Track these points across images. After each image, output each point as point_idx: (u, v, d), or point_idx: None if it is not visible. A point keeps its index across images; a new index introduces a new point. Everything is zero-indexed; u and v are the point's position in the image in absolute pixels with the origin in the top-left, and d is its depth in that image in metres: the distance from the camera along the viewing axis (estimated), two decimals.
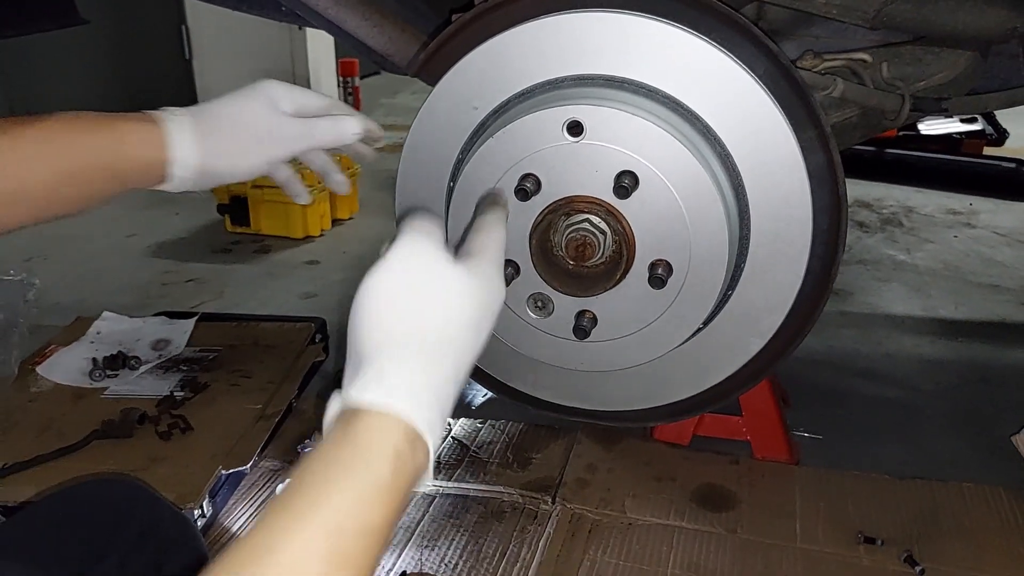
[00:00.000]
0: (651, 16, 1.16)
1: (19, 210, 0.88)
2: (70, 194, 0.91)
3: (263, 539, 0.56)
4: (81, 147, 0.91)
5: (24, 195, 0.88)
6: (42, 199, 0.89)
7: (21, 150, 0.87)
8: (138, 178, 0.96)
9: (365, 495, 0.60)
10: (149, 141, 0.95)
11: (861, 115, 1.44)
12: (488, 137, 1.18)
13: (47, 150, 0.89)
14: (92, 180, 0.92)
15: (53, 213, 0.92)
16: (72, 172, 0.90)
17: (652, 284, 1.17)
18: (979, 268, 3.27)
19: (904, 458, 2.01)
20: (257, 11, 2.21)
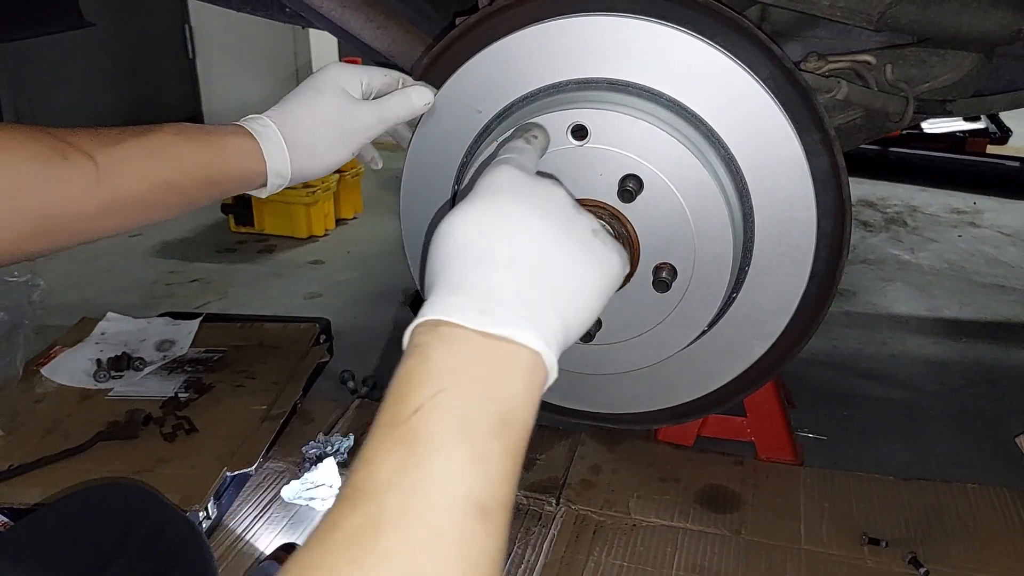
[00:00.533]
0: (655, 19, 1.16)
1: (123, 216, 0.92)
2: (170, 202, 0.95)
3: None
4: (186, 160, 0.95)
5: (129, 203, 0.91)
6: (144, 207, 0.93)
7: (130, 160, 0.90)
8: (237, 187, 1.02)
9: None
10: (247, 153, 1.00)
11: (865, 117, 1.43)
12: (492, 141, 1.18)
13: (154, 162, 0.92)
14: (194, 190, 0.97)
15: (151, 219, 0.96)
16: (176, 183, 0.94)
17: (656, 288, 1.17)
18: (984, 268, 3.27)
19: (908, 459, 2.01)
20: (261, 12, 2.21)
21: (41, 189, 0.83)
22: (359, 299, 3.01)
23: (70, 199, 0.86)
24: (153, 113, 5.45)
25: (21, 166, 0.82)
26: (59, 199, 0.85)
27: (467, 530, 0.51)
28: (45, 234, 0.86)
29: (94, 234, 0.91)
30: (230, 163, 0.99)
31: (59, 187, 0.85)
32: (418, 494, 0.51)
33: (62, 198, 0.85)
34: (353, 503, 0.51)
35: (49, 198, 0.84)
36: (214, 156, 0.98)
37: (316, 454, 1.90)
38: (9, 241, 0.83)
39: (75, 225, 0.88)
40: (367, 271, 3.30)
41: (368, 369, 2.36)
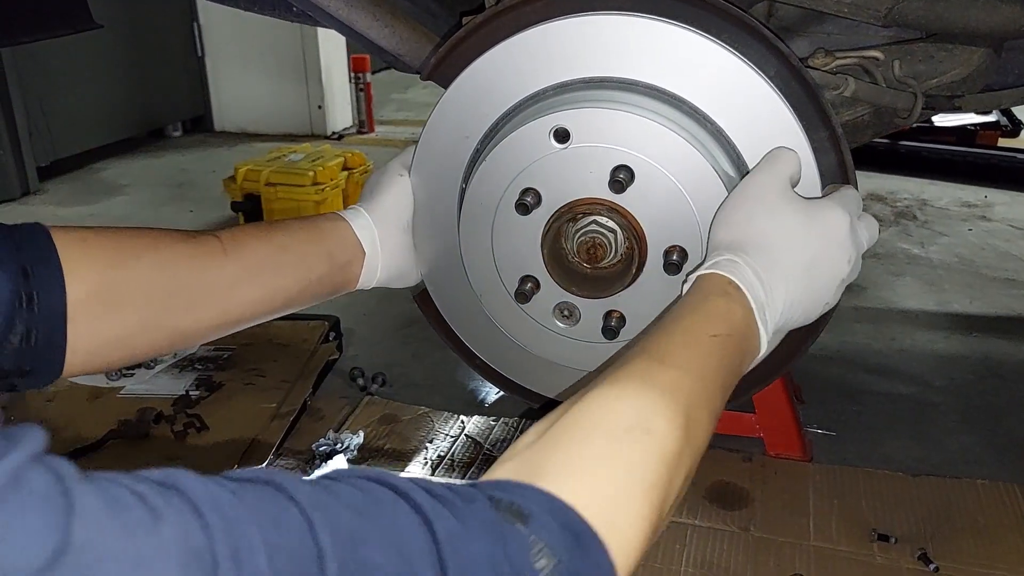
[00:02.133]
0: (651, 16, 1.16)
1: (252, 283, 1.07)
2: (289, 265, 1.11)
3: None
4: (292, 225, 1.15)
5: (255, 267, 1.07)
6: (268, 272, 1.08)
7: (246, 232, 1.08)
8: (339, 252, 1.19)
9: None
10: (339, 227, 1.21)
11: (873, 113, 1.43)
12: (481, 161, 1.19)
13: (266, 231, 1.11)
14: (307, 252, 1.14)
15: (278, 287, 1.10)
16: (289, 245, 1.11)
17: (668, 271, 1.17)
18: (994, 262, 3.25)
19: (918, 454, 2.01)
20: (268, 11, 2.21)
21: (183, 263, 0.98)
22: (368, 297, 3.00)
23: (206, 267, 1.00)
24: (162, 111, 5.47)
25: (168, 244, 0.98)
26: (197, 269, 0.99)
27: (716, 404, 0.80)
28: (190, 306, 0.99)
29: (233, 305, 1.05)
30: (326, 228, 1.16)
31: (196, 260, 0.99)
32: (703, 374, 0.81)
33: (200, 268, 0.99)
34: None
35: (190, 269, 0.98)
36: (312, 225, 1.16)
37: (326, 451, 1.91)
38: (160, 316, 0.98)
39: (215, 294, 1.01)
40: None
41: (378, 366, 2.37)
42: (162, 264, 0.98)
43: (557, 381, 1.54)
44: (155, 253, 0.98)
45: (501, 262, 1.27)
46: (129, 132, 5.20)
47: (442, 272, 1.43)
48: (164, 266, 0.98)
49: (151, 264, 0.97)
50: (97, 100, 4.87)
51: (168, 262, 0.98)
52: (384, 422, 2.07)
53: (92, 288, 0.92)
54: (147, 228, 1.00)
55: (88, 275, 0.92)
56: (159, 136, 5.53)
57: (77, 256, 0.92)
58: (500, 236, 1.25)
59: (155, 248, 0.98)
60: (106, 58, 4.89)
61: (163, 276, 0.98)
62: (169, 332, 0.99)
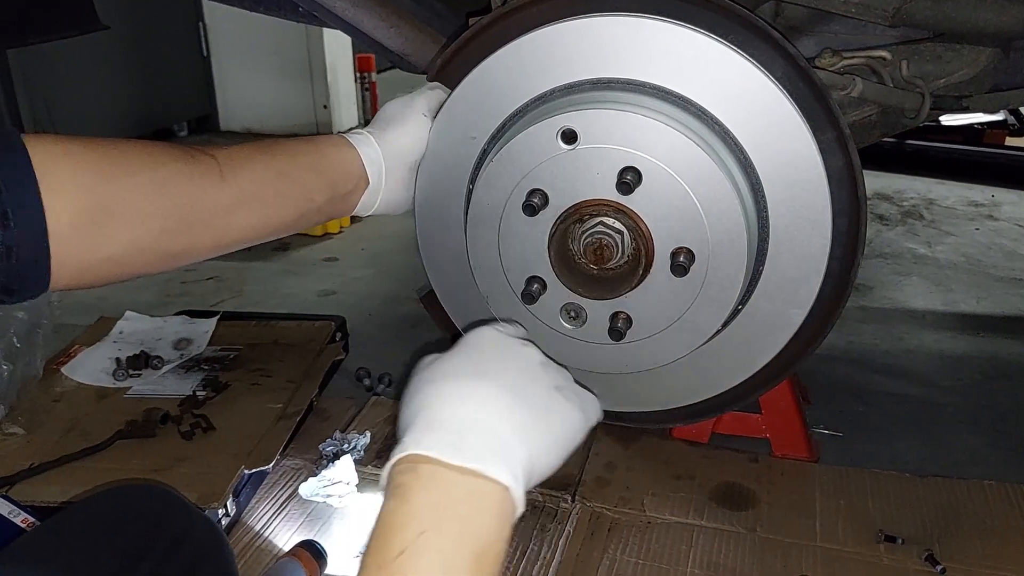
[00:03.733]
0: (658, 17, 1.16)
1: (250, 210, 1.02)
2: (289, 194, 1.07)
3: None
4: (293, 150, 1.09)
5: (253, 194, 1.02)
6: (267, 199, 1.04)
7: (244, 154, 1.03)
8: (342, 180, 1.15)
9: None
10: (344, 150, 1.17)
11: (880, 114, 1.43)
12: (488, 162, 1.20)
13: (265, 155, 1.05)
14: (307, 179, 1.09)
15: (277, 217, 1.07)
16: (289, 172, 1.06)
17: (674, 272, 1.17)
18: (1001, 261, 3.24)
19: (925, 455, 2.00)
20: (274, 12, 2.22)
21: (179, 184, 0.94)
22: (374, 296, 3.02)
23: (203, 190, 0.95)
24: (168, 111, 5.48)
25: (163, 162, 0.93)
26: (194, 192, 0.94)
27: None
28: (185, 229, 0.95)
29: (229, 230, 1.02)
30: (331, 156, 1.12)
31: (193, 182, 0.94)
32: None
33: (196, 190, 0.95)
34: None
35: (186, 192, 0.94)
36: (316, 150, 1.11)
37: (333, 451, 1.91)
38: (154, 238, 0.93)
39: (211, 219, 0.98)
40: (381, 268, 3.31)
41: (384, 366, 2.37)
42: (158, 183, 0.93)
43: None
44: (151, 172, 0.93)
45: (508, 263, 1.27)
46: (135, 132, 5.20)
47: (448, 273, 1.44)
48: (160, 185, 0.93)
49: (146, 183, 0.92)
50: (103, 100, 4.88)
51: (164, 181, 0.93)
52: (391, 422, 2.07)
53: (82, 205, 0.87)
54: (140, 141, 0.95)
55: (76, 191, 0.87)
56: (165, 136, 5.54)
57: (63, 170, 0.86)
58: (507, 237, 1.25)
59: (151, 166, 0.93)
60: (112, 58, 4.90)
61: (158, 196, 0.93)
62: (161, 254, 0.96)
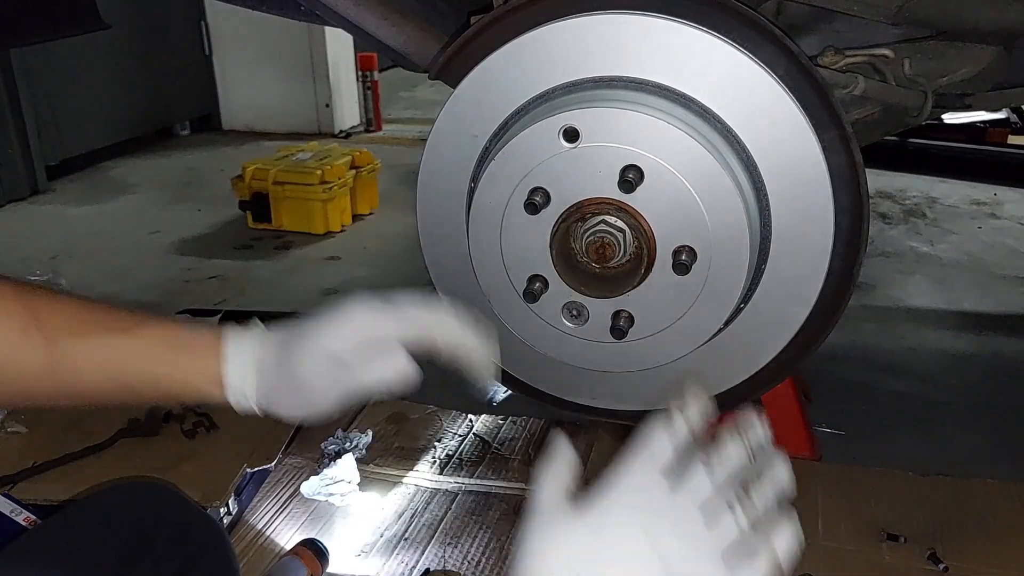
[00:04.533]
0: (658, 15, 1.16)
1: (71, 399, 0.90)
2: (122, 398, 0.93)
3: None
4: (145, 372, 0.89)
5: (80, 393, 0.89)
6: (94, 398, 0.90)
7: (89, 357, 0.87)
8: (196, 401, 0.93)
9: None
10: (208, 376, 0.89)
11: (883, 112, 1.43)
12: (490, 161, 1.20)
13: (112, 366, 0.88)
14: (148, 396, 0.95)
15: (102, 404, 0.93)
16: (131, 388, 0.90)
17: (676, 271, 1.17)
18: (1004, 260, 3.24)
19: (927, 454, 2.00)
20: (276, 11, 2.22)
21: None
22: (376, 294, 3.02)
23: (19, 373, 0.84)
24: (170, 110, 5.48)
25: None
26: (8, 371, 0.84)
27: None
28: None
29: (41, 405, 0.91)
30: (190, 384, 0.89)
31: (9, 364, 0.83)
32: None
33: (12, 370, 0.84)
34: None
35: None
36: (178, 373, 0.89)
37: (335, 449, 1.92)
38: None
39: (19, 396, 0.88)
40: (384, 266, 3.31)
41: None
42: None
43: (566, 381, 1.54)
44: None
45: (510, 261, 1.27)
46: (137, 131, 5.21)
47: (450, 271, 1.44)
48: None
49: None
50: (105, 99, 4.89)
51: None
52: (392, 421, 2.07)
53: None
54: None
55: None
56: (167, 135, 5.55)
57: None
58: (509, 235, 1.25)
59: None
60: (114, 57, 4.90)
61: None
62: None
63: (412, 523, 1.74)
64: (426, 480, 1.86)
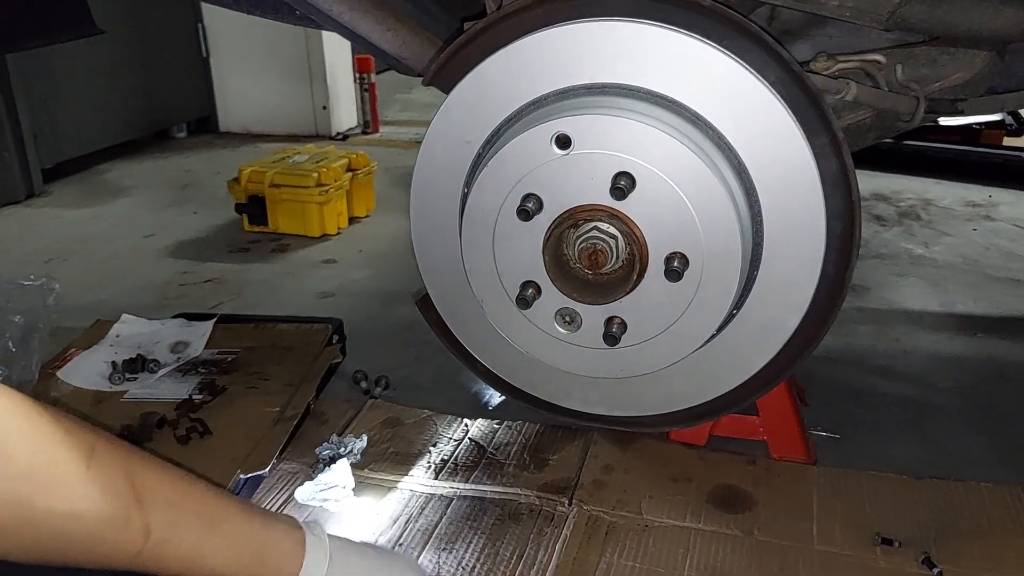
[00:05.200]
0: (639, 20, 1.16)
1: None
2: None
3: None
4: (229, 559, 0.95)
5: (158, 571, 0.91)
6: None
7: (179, 542, 0.90)
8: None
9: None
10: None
11: (875, 117, 1.43)
12: (483, 167, 1.20)
13: (198, 552, 0.92)
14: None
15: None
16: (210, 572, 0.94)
17: (669, 277, 1.17)
18: (999, 262, 3.24)
19: (922, 457, 2.00)
20: (271, 15, 2.22)
21: (87, 552, 0.84)
22: (372, 298, 3.02)
23: (108, 556, 0.86)
24: (167, 113, 5.48)
25: (86, 529, 0.83)
26: (99, 551, 0.85)
27: None
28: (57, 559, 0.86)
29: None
30: (265, 572, 0.98)
31: (106, 543, 0.85)
32: None
33: (103, 552, 0.85)
34: None
35: (88, 558, 0.85)
36: (255, 563, 0.97)
37: (329, 455, 1.91)
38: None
39: (97, 566, 0.88)
40: (380, 269, 3.31)
41: (381, 369, 2.37)
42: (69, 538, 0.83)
43: (559, 386, 1.54)
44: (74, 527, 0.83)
45: (503, 267, 1.27)
46: (134, 134, 5.21)
47: (443, 277, 1.44)
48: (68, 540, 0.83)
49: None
50: (102, 102, 4.88)
51: (74, 540, 0.84)
52: (387, 425, 2.07)
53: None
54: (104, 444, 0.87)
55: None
56: (164, 137, 5.55)
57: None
58: (502, 242, 1.25)
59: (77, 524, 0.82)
60: (111, 60, 4.90)
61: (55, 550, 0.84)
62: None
63: (407, 528, 1.73)
64: (421, 485, 1.86)
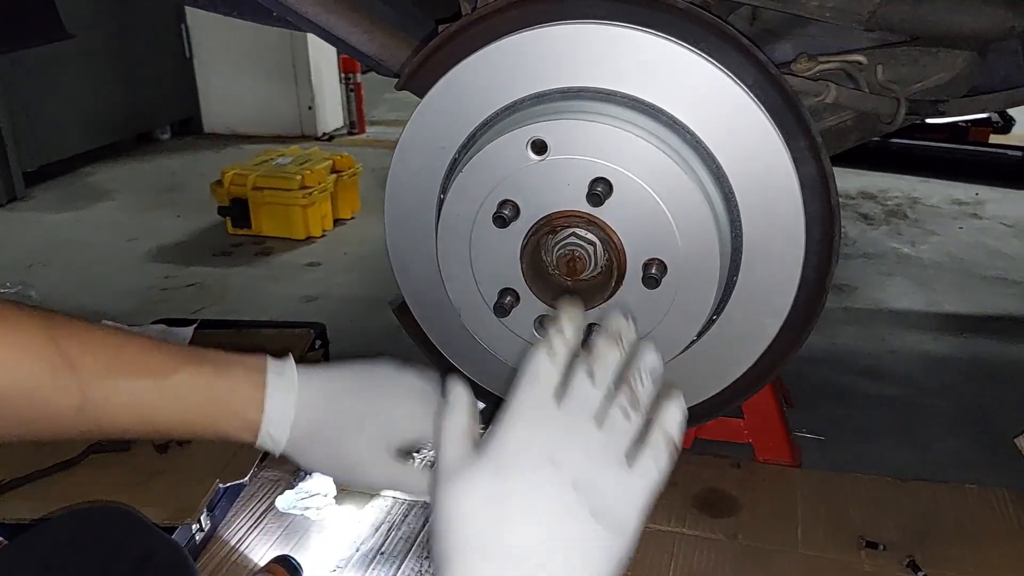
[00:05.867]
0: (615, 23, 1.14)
1: (100, 434, 0.89)
2: (149, 434, 0.92)
3: None
4: (175, 415, 0.88)
5: (108, 430, 0.87)
6: (122, 434, 0.90)
7: (119, 399, 0.86)
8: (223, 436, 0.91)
9: None
10: (246, 429, 0.89)
11: (856, 119, 1.41)
12: (458, 173, 1.18)
13: (143, 409, 0.87)
14: (176, 431, 0.91)
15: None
16: (159, 429, 0.89)
17: (646, 284, 1.16)
18: (985, 260, 3.24)
19: (907, 458, 1.99)
20: (249, 16, 2.19)
21: (24, 407, 0.82)
22: (356, 301, 3.00)
23: (50, 417, 0.84)
24: (151, 114, 5.44)
25: (9, 379, 0.80)
26: (38, 414, 0.83)
27: None
28: (15, 428, 0.85)
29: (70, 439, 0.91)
30: (224, 433, 0.89)
31: (41, 405, 0.83)
32: None
33: (43, 414, 0.84)
34: None
35: (30, 411, 0.83)
36: (211, 424, 0.89)
37: None
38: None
39: (49, 435, 0.87)
40: (364, 272, 3.29)
41: None
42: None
43: None
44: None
45: (480, 275, 1.25)
46: (117, 136, 5.17)
47: (420, 285, 1.42)
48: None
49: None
50: (84, 104, 4.84)
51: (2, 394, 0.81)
52: None
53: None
54: (21, 315, 0.82)
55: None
56: (147, 139, 5.50)
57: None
58: (478, 249, 1.23)
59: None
60: (93, 61, 4.86)
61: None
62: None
63: (389, 536, 1.72)
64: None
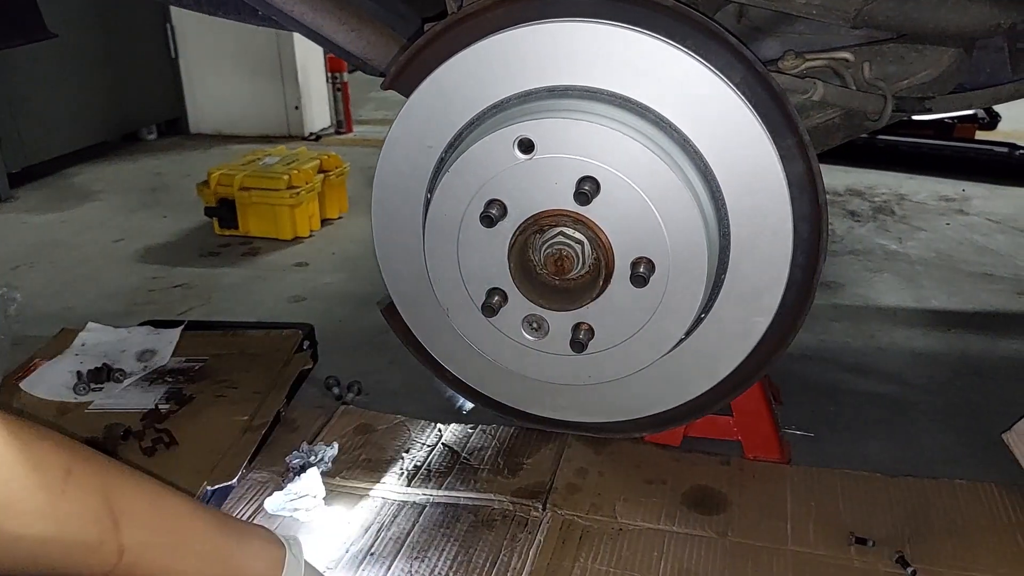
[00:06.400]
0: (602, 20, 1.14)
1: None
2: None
3: None
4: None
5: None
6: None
7: (152, 555, 0.92)
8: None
9: None
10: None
11: (843, 116, 1.42)
12: (445, 173, 1.17)
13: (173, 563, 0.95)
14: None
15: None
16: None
17: (634, 283, 1.16)
18: (972, 256, 3.26)
19: (896, 454, 2.00)
20: (234, 16, 2.19)
21: (58, 557, 0.84)
22: (344, 302, 2.99)
23: (79, 569, 0.86)
24: (136, 115, 5.40)
25: (56, 530, 0.83)
26: (70, 567, 0.86)
27: None
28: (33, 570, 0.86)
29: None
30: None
31: (77, 562, 0.85)
32: None
33: (73, 568, 0.86)
34: None
35: (64, 562, 0.85)
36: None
37: (299, 464, 1.88)
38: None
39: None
40: (352, 272, 3.27)
41: (354, 374, 2.34)
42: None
43: (528, 393, 1.52)
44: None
45: (468, 275, 1.25)
46: (103, 136, 5.14)
47: (408, 285, 1.41)
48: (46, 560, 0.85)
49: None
50: (69, 104, 4.81)
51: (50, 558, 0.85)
52: (360, 432, 2.04)
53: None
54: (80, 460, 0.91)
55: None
56: (133, 140, 5.47)
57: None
58: (466, 248, 1.23)
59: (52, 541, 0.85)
60: (78, 61, 4.82)
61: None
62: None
63: (379, 537, 1.71)
64: (393, 492, 1.84)
